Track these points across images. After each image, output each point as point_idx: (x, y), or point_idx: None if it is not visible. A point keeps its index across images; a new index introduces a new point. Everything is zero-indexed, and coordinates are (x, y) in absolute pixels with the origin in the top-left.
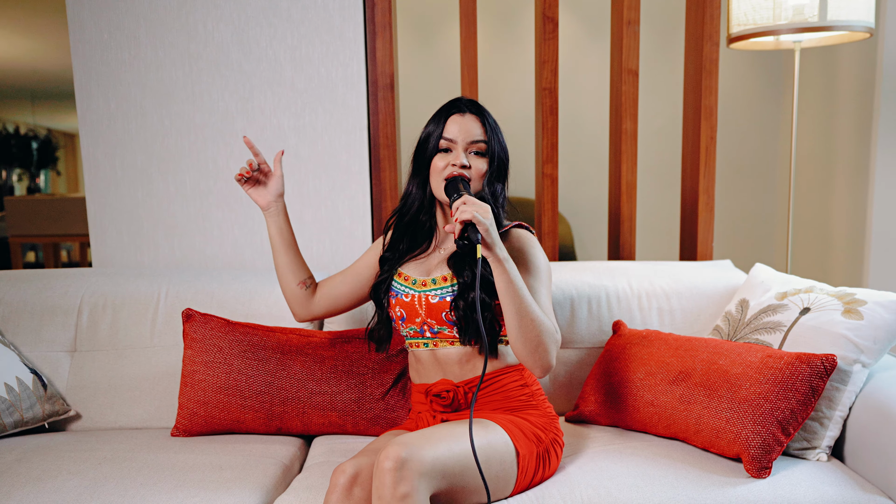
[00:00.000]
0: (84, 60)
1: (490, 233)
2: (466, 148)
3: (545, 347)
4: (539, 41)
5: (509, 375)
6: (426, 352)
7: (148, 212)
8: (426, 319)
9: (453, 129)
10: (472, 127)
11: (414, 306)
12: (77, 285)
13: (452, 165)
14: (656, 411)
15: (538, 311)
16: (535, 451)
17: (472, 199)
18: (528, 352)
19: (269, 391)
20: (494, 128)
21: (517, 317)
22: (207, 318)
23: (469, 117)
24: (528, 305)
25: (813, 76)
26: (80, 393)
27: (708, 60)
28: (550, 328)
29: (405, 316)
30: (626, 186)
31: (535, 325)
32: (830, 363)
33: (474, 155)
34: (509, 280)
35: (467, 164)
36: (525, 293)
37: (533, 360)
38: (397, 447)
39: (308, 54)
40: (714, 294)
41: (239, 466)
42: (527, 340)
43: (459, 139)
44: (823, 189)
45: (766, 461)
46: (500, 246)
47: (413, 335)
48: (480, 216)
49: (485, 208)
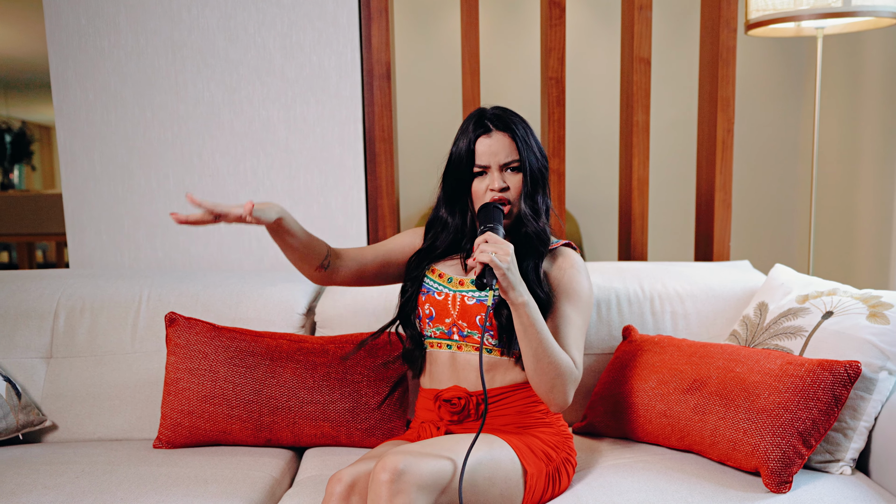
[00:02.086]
0: (61, 48)
1: (508, 276)
2: (500, 169)
3: (561, 389)
4: (545, 27)
5: (524, 391)
6: (446, 354)
7: (129, 209)
8: (457, 321)
9: (483, 154)
10: (502, 147)
11: (446, 305)
12: (53, 287)
13: (491, 191)
14: (669, 422)
15: (557, 353)
16: (545, 470)
17: (495, 238)
18: (543, 391)
19: (257, 400)
20: (526, 139)
21: (534, 359)
22: (192, 323)
23: (497, 136)
24: (547, 348)
25: (836, 65)
26: (56, 402)
27: (725, 48)
28: (568, 369)
29: (434, 315)
30: (638, 182)
31: (553, 367)
32: (855, 370)
33: (510, 172)
34: (527, 324)
35: (506, 185)
36: (544, 336)
37: (547, 399)
38: (395, 458)
39: (299, 41)
40: (731, 297)
41: (225, 480)
42: (542, 382)
43: (492, 163)
44: (848, 185)
45: (786, 475)
46: (520, 289)
47: (438, 335)
48: (498, 259)
49: (505, 249)
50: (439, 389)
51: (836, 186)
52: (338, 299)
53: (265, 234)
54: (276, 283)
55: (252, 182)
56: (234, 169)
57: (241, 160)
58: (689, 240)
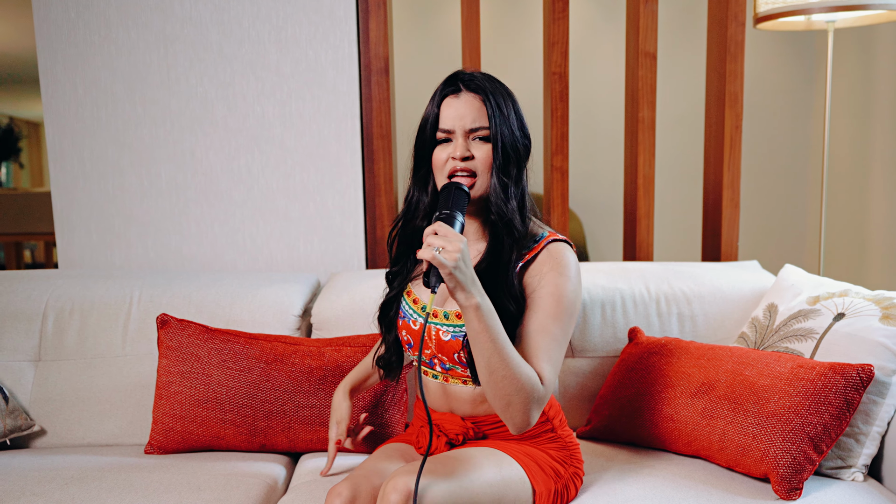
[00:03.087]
0: (49, 42)
1: (455, 275)
2: (467, 135)
3: (519, 408)
4: (548, 21)
5: None
6: (435, 383)
7: (119, 208)
8: (437, 353)
9: (448, 116)
10: (469, 110)
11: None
12: (41, 288)
13: (453, 159)
14: (676, 427)
15: (516, 366)
16: (554, 487)
17: (446, 230)
18: (499, 408)
19: (251, 404)
20: (501, 107)
21: (486, 371)
22: (184, 325)
23: (466, 97)
24: (504, 359)
25: (848, 59)
26: (44, 406)
27: (732, 42)
28: (530, 385)
29: (412, 343)
30: (643, 180)
31: (509, 382)
32: (867, 374)
33: (479, 141)
34: (478, 330)
35: (469, 154)
36: (500, 345)
37: (504, 417)
38: (405, 478)
39: (295, 35)
40: (739, 298)
41: (219, 487)
42: (495, 397)
43: (456, 127)
44: (859, 183)
45: (796, 481)
46: (472, 289)
47: (423, 363)
48: (444, 257)
49: (455, 245)
50: (434, 415)
51: (848, 184)
52: (335, 301)
53: (259, 233)
54: (270, 283)
55: (246, 180)
56: (227, 166)
57: (235, 157)
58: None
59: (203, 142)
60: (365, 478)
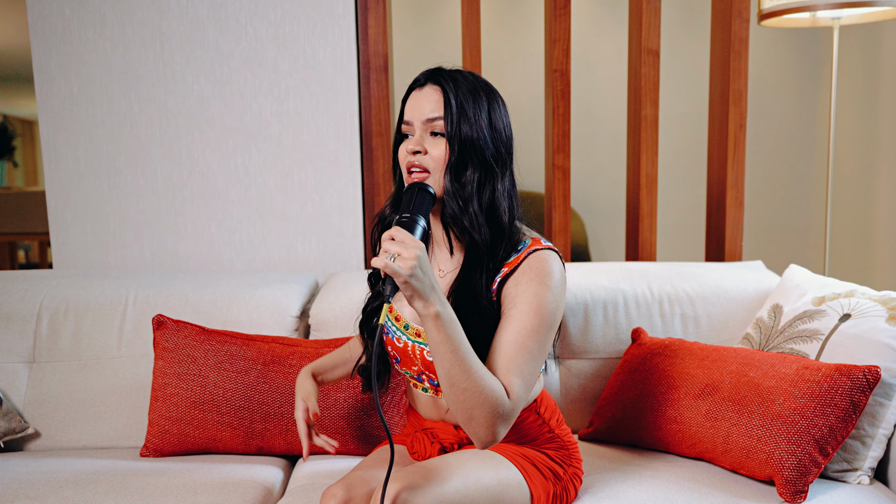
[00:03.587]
0: (44, 39)
1: (411, 283)
2: (424, 129)
3: (482, 422)
4: (549, 18)
5: (524, 419)
6: (426, 396)
7: (115, 207)
8: (424, 370)
9: (408, 108)
10: (426, 102)
11: (408, 354)
12: (36, 289)
13: (408, 153)
14: (680, 429)
15: (478, 379)
16: (552, 490)
17: (402, 235)
18: (462, 421)
19: (248, 406)
20: (465, 102)
21: (447, 383)
22: (181, 326)
23: (428, 90)
24: (465, 370)
25: (853, 57)
26: (39, 408)
27: (737, 39)
28: (494, 399)
29: (399, 359)
30: (646, 179)
31: (471, 395)
32: (873, 375)
33: (437, 136)
34: (438, 340)
35: (421, 148)
36: (462, 355)
37: (468, 430)
38: (399, 484)
39: (293, 32)
40: (744, 299)
41: (215, 490)
42: (457, 410)
43: (414, 118)
44: (865, 182)
45: (801, 484)
46: (431, 297)
47: (411, 378)
48: (398, 265)
49: (411, 252)
50: (427, 423)
51: (853, 183)
52: (333, 301)
53: (256, 233)
54: (268, 284)
55: (243, 179)
56: (224, 165)
57: (232, 156)
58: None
59: (199, 140)
60: (360, 479)
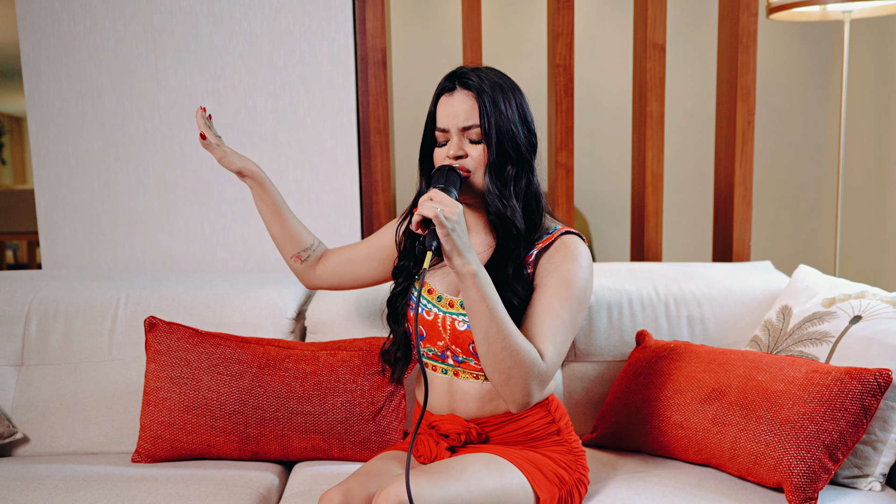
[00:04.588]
0: (32, 33)
1: (452, 237)
2: (460, 136)
3: (519, 382)
4: (552, 11)
5: (533, 414)
6: (442, 379)
7: (105, 206)
8: (450, 345)
9: (442, 115)
10: (461, 109)
11: (436, 327)
12: (24, 290)
13: (448, 158)
14: (686, 434)
15: (514, 339)
16: (558, 494)
17: (441, 196)
18: (498, 383)
19: (243, 411)
20: (498, 102)
21: (484, 343)
22: (173, 328)
23: (459, 96)
24: (501, 330)
25: (864, 51)
26: (27, 413)
27: (745, 33)
28: (530, 359)
29: (424, 334)
30: (652, 177)
31: (508, 354)
32: (885, 379)
33: (471, 143)
34: (476, 299)
35: (462, 153)
36: (498, 315)
37: (504, 393)
38: (400, 487)
39: (288, 26)
40: (752, 300)
41: (209, 497)
42: (494, 371)
43: (450, 126)
44: (876, 180)
45: (811, 491)
46: (469, 256)
47: (432, 357)
48: (444, 215)
49: (451, 208)
50: (434, 416)
51: (864, 181)
52: (330, 303)
53: (251, 233)
54: (263, 285)
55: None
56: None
57: None
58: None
59: (193, 137)
60: (359, 483)
